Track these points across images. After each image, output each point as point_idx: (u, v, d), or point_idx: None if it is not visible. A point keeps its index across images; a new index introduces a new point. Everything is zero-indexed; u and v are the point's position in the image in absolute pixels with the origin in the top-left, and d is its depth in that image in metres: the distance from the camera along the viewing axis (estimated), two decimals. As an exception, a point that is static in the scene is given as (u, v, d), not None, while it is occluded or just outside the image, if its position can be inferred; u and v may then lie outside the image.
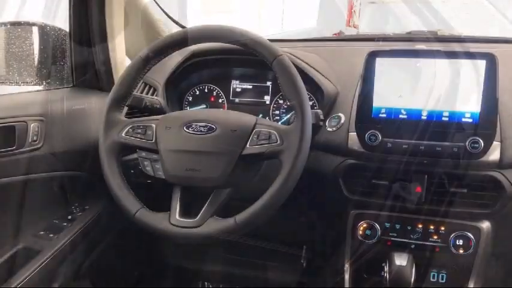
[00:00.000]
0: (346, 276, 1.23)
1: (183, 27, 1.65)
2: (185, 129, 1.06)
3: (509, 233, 1.19)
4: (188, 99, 1.45)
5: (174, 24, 1.65)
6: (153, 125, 1.09)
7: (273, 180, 0.98)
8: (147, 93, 1.39)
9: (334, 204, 1.23)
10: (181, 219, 1.01)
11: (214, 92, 1.44)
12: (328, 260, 1.43)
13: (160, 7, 1.61)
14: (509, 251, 1.25)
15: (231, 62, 1.39)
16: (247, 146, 1.02)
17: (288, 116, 1.35)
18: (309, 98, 1.29)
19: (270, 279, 1.80)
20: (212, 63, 1.40)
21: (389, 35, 1.61)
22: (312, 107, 1.29)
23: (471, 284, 1.16)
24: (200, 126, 1.06)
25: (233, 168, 1.01)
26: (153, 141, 1.08)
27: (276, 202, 0.97)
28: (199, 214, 1.01)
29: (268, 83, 1.39)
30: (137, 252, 1.71)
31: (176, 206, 1.03)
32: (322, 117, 1.14)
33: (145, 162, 1.15)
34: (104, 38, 1.42)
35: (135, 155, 1.20)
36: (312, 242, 1.55)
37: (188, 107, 1.45)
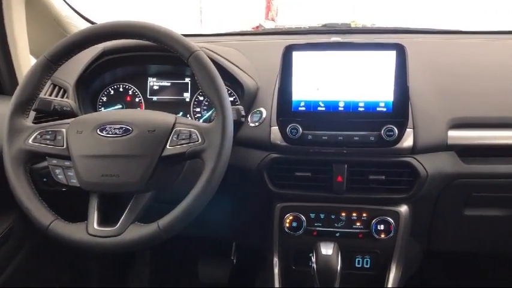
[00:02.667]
0: (276, 270, 1.23)
1: (92, 23, 1.56)
2: (98, 132, 1.00)
3: (425, 214, 1.26)
4: (102, 99, 1.37)
5: (84, 20, 1.55)
6: (63, 130, 1.02)
7: (197, 180, 0.95)
8: (56, 95, 1.29)
9: (260, 199, 1.23)
10: (100, 228, 0.96)
11: (130, 91, 1.37)
12: (257, 254, 1.43)
13: (66, 2, 1.50)
14: (426, 232, 1.32)
15: (146, 58, 1.33)
16: (167, 146, 0.98)
17: (209, 113, 1.32)
18: (230, 93, 1.28)
19: (201, 277, 1.78)
20: (126, 61, 1.33)
21: (305, 28, 1.64)
22: (233, 103, 1.28)
23: (393, 266, 1.21)
24: (115, 128, 1.00)
25: (153, 171, 0.97)
26: (64, 147, 1.00)
27: (200, 203, 0.94)
28: (119, 221, 0.96)
29: (187, 80, 1.35)
30: (57, 266, 1.60)
31: (93, 215, 0.97)
32: (243, 113, 1.13)
33: (56, 170, 1.06)
34: (2, 34, 1.30)
35: (45, 163, 1.12)
36: (240, 238, 1.55)
37: (102, 108, 1.37)
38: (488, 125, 1.16)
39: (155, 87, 1.36)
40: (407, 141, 1.11)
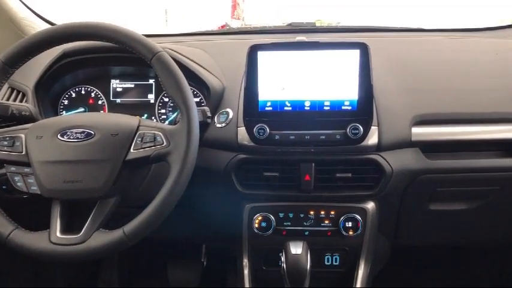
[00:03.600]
0: (246, 271, 1.23)
1: (52, 24, 1.51)
2: (59, 137, 0.97)
3: (391, 210, 1.28)
4: (63, 103, 1.33)
5: (43, 21, 1.50)
6: (22, 135, 0.99)
7: (164, 183, 0.94)
8: (14, 100, 1.25)
9: (229, 200, 1.22)
10: (63, 236, 0.93)
11: (93, 94, 1.34)
12: (227, 255, 1.42)
13: (23, 3, 1.45)
14: (393, 227, 1.34)
15: (108, 60, 1.30)
16: (131, 150, 0.96)
17: (174, 115, 1.31)
18: (195, 94, 1.27)
19: (170, 280, 1.76)
20: (87, 63, 1.30)
21: (271, 27, 1.64)
22: (199, 103, 1.27)
23: (362, 262, 1.23)
24: (76, 132, 0.97)
25: (117, 176, 0.95)
26: (23, 153, 0.97)
27: (166, 207, 0.93)
28: (83, 228, 0.94)
29: (151, 81, 1.33)
30: (22, 277, 1.55)
31: (56, 223, 0.95)
32: (209, 114, 1.12)
33: (15, 178, 1.02)
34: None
35: (4, 170, 1.07)
36: (210, 240, 1.54)
37: (64, 112, 1.33)
38: (450, 121, 1.18)
39: (118, 89, 1.33)
40: (373, 139, 1.12)
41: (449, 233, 1.41)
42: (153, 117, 1.32)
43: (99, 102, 1.33)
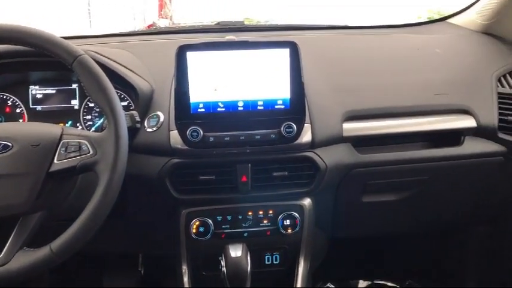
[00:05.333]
0: (185, 278, 1.20)
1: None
2: None
3: (327, 205, 1.31)
4: None
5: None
6: None
7: (93, 193, 0.88)
8: None
9: (164, 207, 1.18)
10: None
11: (9, 102, 1.23)
12: (166, 263, 1.38)
13: None
14: (330, 222, 1.37)
15: (26, 65, 1.20)
16: (55, 161, 0.90)
17: (101, 121, 1.24)
18: (122, 98, 1.21)
19: None
20: (2, 68, 1.19)
21: (199, 26, 1.61)
22: (127, 108, 1.21)
23: (301, 259, 1.24)
24: None
25: (40, 190, 0.88)
26: None
27: (96, 219, 0.87)
28: (5, 249, 0.86)
29: (74, 86, 1.25)
30: None
31: None
32: (138, 118, 1.07)
33: None
34: None
35: None
36: (147, 249, 1.48)
37: None
38: (378, 116, 1.23)
39: (38, 96, 1.24)
40: (306, 136, 1.13)
41: (382, 224, 1.46)
42: (78, 124, 1.24)
43: (17, 110, 1.23)
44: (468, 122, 1.24)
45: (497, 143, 1.26)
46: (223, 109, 1.10)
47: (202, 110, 1.09)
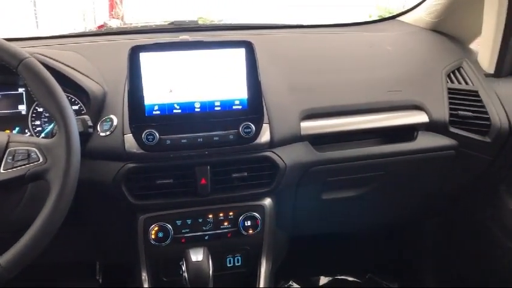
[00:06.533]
0: (145, 285, 1.16)
1: None
2: None
3: (288, 204, 1.31)
4: None
5: None
6: None
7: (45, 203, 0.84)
8: None
9: (121, 213, 1.14)
10: None
11: None
12: (124, 270, 1.34)
13: None
14: (290, 220, 1.37)
15: None
16: (1, 170, 0.85)
17: (51, 126, 1.18)
18: (73, 102, 1.17)
19: None
20: None
21: (152, 26, 1.57)
22: (79, 112, 1.17)
23: (263, 259, 1.24)
24: None
25: None
26: None
27: (48, 231, 0.83)
28: None
29: (21, 90, 1.19)
30: None
31: None
32: (90, 123, 1.03)
33: None
34: None
35: None
36: (104, 257, 1.43)
37: None
38: (333, 114, 1.24)
39: None
40: (265, 136, 1.13)
41: (342, 220, 1.48)
42: (26, 131, 1.18)
43: None
44: (421, 118, 1.28)
45: (449, 137, 1.30)
46: (180, 111, 1.07)
47: (158, 112, 1.06)
